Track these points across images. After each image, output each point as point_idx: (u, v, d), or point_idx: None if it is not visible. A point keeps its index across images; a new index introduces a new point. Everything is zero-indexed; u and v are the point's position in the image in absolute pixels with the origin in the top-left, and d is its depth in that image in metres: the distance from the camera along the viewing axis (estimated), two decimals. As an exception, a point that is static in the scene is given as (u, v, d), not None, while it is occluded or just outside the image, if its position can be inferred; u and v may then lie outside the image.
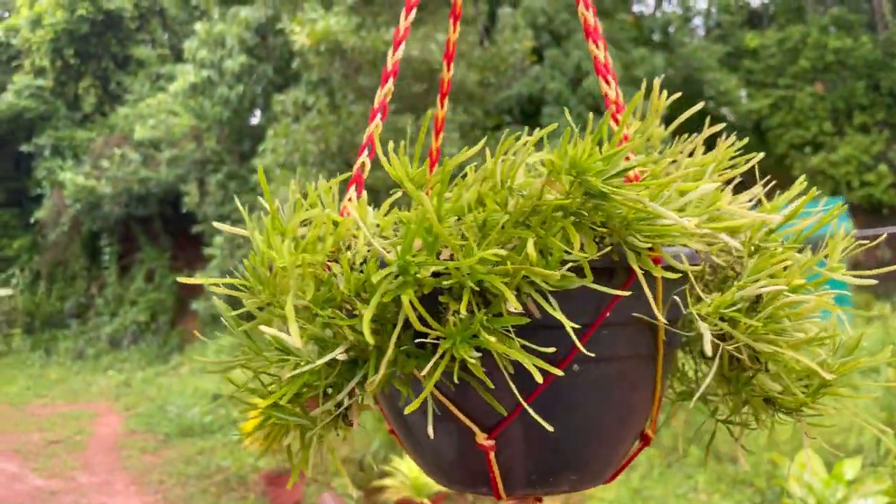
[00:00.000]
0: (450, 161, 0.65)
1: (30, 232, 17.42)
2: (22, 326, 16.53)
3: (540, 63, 14.05)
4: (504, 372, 0.63)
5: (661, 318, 0.67)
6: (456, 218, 0.65)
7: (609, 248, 0.64)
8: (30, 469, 7.55)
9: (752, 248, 0.74)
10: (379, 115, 0.82)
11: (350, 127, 11.15)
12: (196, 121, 15.10)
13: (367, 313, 0.59)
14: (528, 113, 14.65)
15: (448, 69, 1.00)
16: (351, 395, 0.70)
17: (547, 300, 0.62)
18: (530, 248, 0.59)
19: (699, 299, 0.70)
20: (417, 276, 0.61)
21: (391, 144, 0.78)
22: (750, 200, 0.80)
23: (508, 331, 0.62)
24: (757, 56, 16.30)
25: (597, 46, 0.80)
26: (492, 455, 0.69)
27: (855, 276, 0.73)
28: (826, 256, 0.75)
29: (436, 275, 0.61)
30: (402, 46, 0.83)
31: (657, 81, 0.83)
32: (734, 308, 0.67)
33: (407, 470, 5.20)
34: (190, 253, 15.89)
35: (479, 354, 0.61)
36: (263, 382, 0.73)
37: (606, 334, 0.67)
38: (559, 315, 0.61)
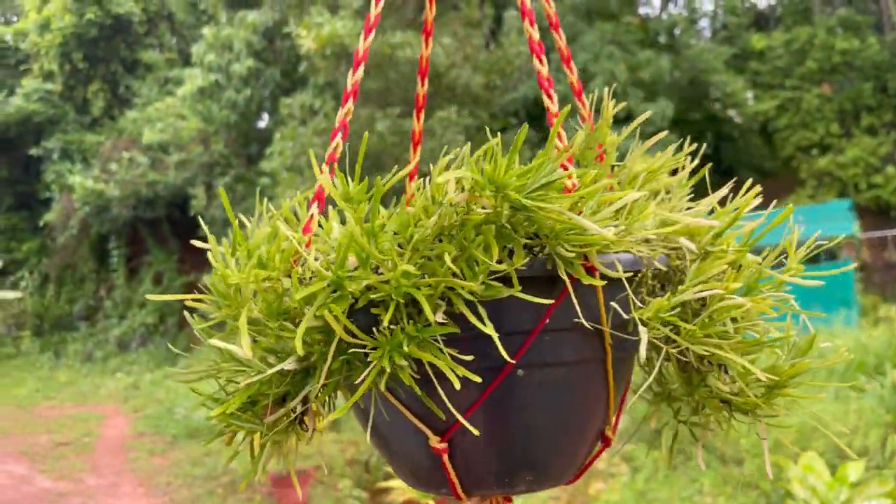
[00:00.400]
0: (381, 180, 0.68)
1: (39, 235, 17.54)
2: (31, 329, 16.66)
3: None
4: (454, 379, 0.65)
5: (604, 324, 0.70)
6: (394, 233, 0.68)
7: (541, 257, 0.67)
8: (38, 471, 7.60)
9: (703, 252, 0.75)
10: (350, 100, 0.85)
11: (356, 130, 11.15)
12: (204, 124, 15.18)
13: (301, 327, 0.63)
14: (535, 115, 14.65)
15: (423, 84, 1.03)
16: (305, 402, 0.73)
17: (476, 310, 0.65)
18: (447, 260, 0.62)
19: (645, 304, 0.72)
20: (350, 290, 0.64)
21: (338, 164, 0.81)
22: (714, 209, 0.82)
23: (436, 340, 0.65)
24: (764, 58, 16.27)
25: (541, 62, 0.82)
26: (445, 457, 0.72)
27: (805, 278, 0.75)
28: (784, 258, 0.77)
29: (370, 288, 0.64)
30: (373, 34, 0.86)
31: (607, 91, 0.85)
32: (672, 312, 0.69)
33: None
34: (197, 256, 15.96)
35: (405, 364, 0.65)
36: (226, 392, 0.77)
37: (549, 340, 0.69)
38: (480, 324, 0.64)
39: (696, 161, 0.89)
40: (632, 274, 0.71)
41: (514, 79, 12.99)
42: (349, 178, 0.72)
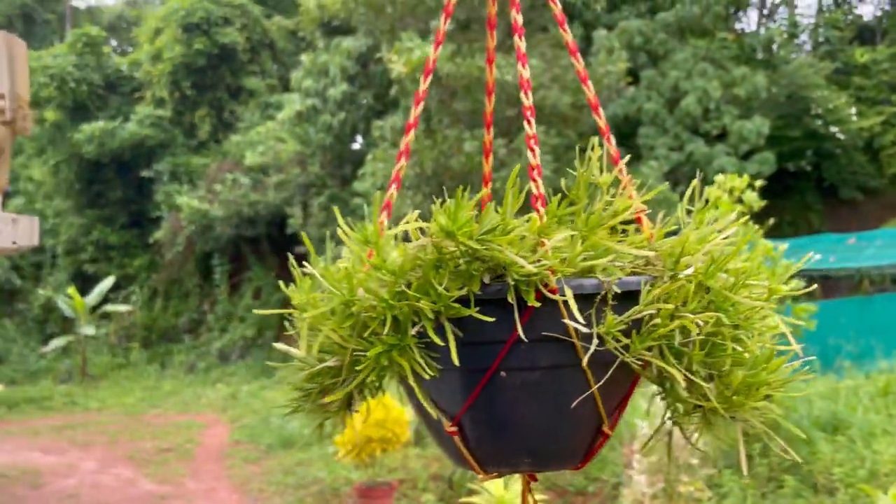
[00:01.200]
0: (369, 225, 0.89)
1: (149, 252, 18.61)
2: (140, 340, 17.63)
3: (636, 84, 13.96)
4: (455, 373, 0.84)
5: (573, 336, 0.82)
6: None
7: (496, 284, 0.82)
8: (143, 475, 8.09)
9: (671, 275, 0.85)
10: (419, 104, 1.00)
11: (444, 150, 11.44)
12: (301, 147, 15.84)
13: (303, 337, 0.86)
14: (625, 133, 14.55)
15: (490, 102, 1.18)
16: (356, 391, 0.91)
17: (460, 326, 0.82)
18: (412, 289, 0.81)
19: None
20: (353, 310, 0.84)
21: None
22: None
23: (423, 346, 0.83)
24: (868, 72, 15.60)
25: (526, 95, 0.97)
26: (457, 439, 0.90)
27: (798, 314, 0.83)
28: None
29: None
30: (441, 48, 1.07)
31: (594, 140, 0.95)
32: (620, 328, 0.80)
33: (493, 488, 5.29)
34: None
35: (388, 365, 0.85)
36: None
37: (524, 349, 0.83)
38: (437, 338, 0.81)
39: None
40: (597, 294, 0.83)
41: (604, 97, 12.95)
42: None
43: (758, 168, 13.18)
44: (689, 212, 0.98)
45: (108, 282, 16.13)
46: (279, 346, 0.91)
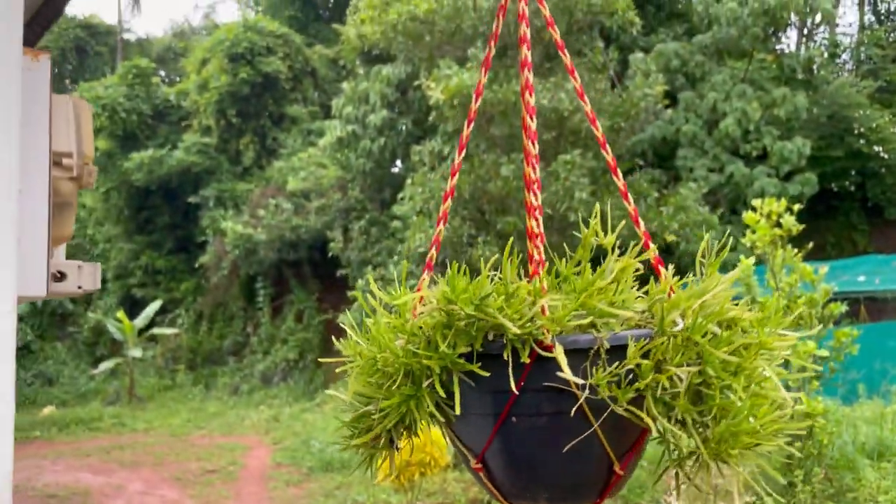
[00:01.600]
0: (396, 292, 0.98)
1: (195, 276, 19.03)
2: (185, 363, 17.98)
3: (674, 106, 13.94)
4: (471, 418, 0.92)
5: (574, 388, 0.91)
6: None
7: (498, 342, 0.93)
8: (188, 496, 8.28)
9: (659, 330, 0.93)
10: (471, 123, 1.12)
11: (482, 175, 11.56)
12: (342, 172, 16.13)
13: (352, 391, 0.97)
14: (663, 155, 14.51)
15: (531, 118, 1.24)
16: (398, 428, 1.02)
17: (470, 378, 0.94)
18: (423, 348, 0.93)
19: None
20: (380, 365, 0.98)
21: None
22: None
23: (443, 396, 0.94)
24: (912, 90, 15.34)
25: (532, 119, 1.05)
26: (482, 474, 1.01)
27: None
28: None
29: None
30: (487, 74, 1.21)
31: (595, 223, 1.03)
32: (613, 379, 0.88)
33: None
34: (335, 295, 16.83)
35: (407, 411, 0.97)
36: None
37: (530, 397, 0.93)
38: (457, 391, 0.92)
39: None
40: (590, 349, 0.92)
41: (641, 120, 12.96)
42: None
43: (800, 189, 13.03)
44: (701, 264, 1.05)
45: (155, 305, 16.55)
46: (331, 392, 1.03)
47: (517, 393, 0.92)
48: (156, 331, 16.37)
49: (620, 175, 1.22)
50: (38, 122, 1.00)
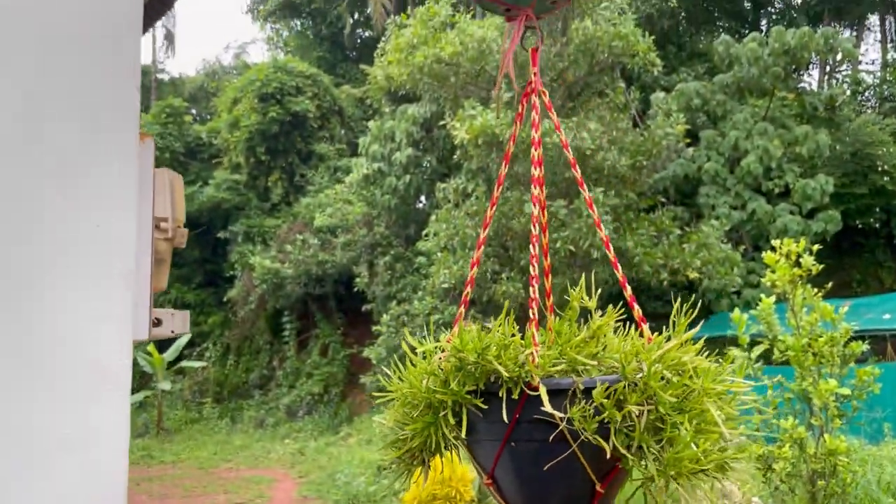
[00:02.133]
0: (425, 342, 1.18)
1: (223, 310, 19.35)
2: (212, 396, 18.22)
3: (695, 144, 14.11)
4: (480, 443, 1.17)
5: (557, 420, 1.11)
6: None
7: (495, 382, 1.15)
8: (217, 526, 8.43)
9: (623, 375, 1.12)
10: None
11: (506, 212, 11.77)
12: (368, 208, 16.45)
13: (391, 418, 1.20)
14: (686, 192, 14.65)
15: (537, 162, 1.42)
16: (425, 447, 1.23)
17: (477, 410, 1.16)
18: (438, 386, 1.16)
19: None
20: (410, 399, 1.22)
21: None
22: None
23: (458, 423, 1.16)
24: (936, 127, 15.39)
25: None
26: (492, 489, 1.21)
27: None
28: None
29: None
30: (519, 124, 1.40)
31: (582, 295, 1.23)
32: (582, 415, 1.07)
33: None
34: (360, 329, 17.05)
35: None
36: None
37: (524, 426, 1.14)
38: (465, 420, 1.14)
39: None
40: (569, 390, 1.12)
41: (663, 158, 13.14)
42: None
43: (823, 226, 13.08)
44: (674, 324, 1.22)
45: (184, 339, 16.84)
46: (376, 418, 1.23)
47: (513, 422, 1.13)
48: (184, 364, 16.65)
49: (587, 189, 1.43)
50: (146, 193, 1.21)
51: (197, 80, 27.13)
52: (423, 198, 16.56)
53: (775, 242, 6.73)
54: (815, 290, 6.34)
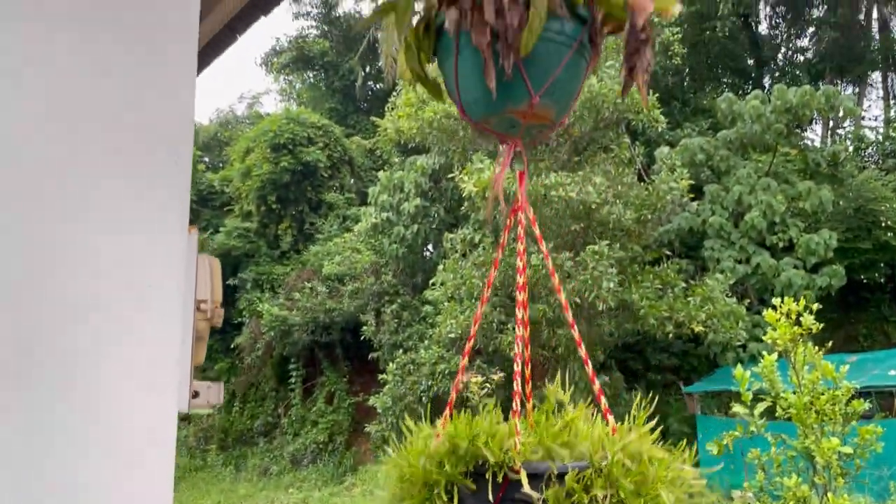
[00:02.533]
0: (423, 428, 1.33)
1: (230, 356, 19.43)
2: (217, 443, 18.19)
3: (700, 198, 14.31)
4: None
5: (533, 500, 1.25)
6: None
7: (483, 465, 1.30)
8: (221, 576, 8.40)
9: (591, 461, 1.27)
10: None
11: (513, 263, 11.91)
12: (376, 257, 16.65)
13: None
14: (690, 245, 14.80)
15: (521, 290, 1.59)
16: None
17: (466, 489, 1.31)
18: (433, 467, 1.31)
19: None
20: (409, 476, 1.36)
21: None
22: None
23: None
24: (939, 184, 15.56)
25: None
26: None
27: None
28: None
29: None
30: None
31: (556, 387, 1.40)
32: (555, 498, 1.22)
33: None
34: (365, 377, 17.08)
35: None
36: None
37: (511, 501, 1.28)
38: (456, 498, 1.30)
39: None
40: (546, 474, 1.28)
41: (668, 212, 13.33)
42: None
43: (828, 280, 13.17)
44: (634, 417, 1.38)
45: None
46: (378, 492, 1.40)
47: (497, 501, 1.28)
48: (191, 410, 16.66)
49: (557, 278, 1.60)
50: (190, 279, 1.37)
51: (210, 130, 27.65)
52: (430, 247, 16.76)
53: (776, 301, 6.85)
54: (817, 347, 6.44)
